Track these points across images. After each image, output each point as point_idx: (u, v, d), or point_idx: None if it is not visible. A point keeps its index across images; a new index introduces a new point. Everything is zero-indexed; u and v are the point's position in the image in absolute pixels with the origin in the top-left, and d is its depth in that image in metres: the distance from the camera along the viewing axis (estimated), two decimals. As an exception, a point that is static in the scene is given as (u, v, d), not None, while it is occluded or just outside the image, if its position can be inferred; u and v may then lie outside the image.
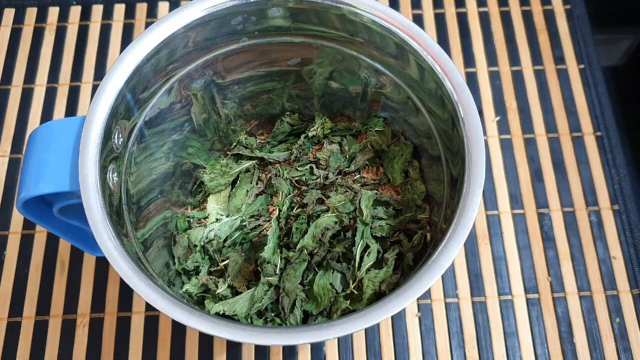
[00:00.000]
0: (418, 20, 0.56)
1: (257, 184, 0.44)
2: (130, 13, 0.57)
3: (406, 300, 0.30)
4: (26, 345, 0.43)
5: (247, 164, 0.45)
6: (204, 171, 0.44)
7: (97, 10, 0.57)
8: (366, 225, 0.40)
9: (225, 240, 0.42)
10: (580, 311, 0.45)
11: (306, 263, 0.39)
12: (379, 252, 0.39)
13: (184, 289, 0.39)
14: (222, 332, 0.29)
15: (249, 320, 0.38)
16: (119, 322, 0.44)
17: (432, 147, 0.40)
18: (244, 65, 0.40)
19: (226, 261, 0.40)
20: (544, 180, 0.49)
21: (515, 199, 0.49)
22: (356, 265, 0.38)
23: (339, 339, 0.43)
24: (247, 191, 0.44)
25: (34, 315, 0.44)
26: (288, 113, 0.46)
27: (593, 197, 0.49)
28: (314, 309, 0.38)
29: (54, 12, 0.57)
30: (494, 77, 0.54)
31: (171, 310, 0.27)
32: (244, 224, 0.42)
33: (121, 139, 0.33)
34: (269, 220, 0.43)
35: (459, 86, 0.35)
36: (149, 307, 0.45)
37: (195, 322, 0.27)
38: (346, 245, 0.40)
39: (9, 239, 0.47)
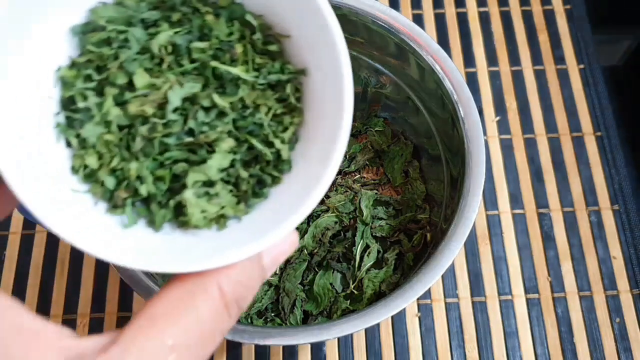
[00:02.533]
0: (418, 20, 0.56)
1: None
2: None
3: (406, 300, 0.30)
4: (26, 345, 0.43)
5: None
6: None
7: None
8: (366, 225, 0.40)
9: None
10: (580, 311, 0.45)
11: (306, 263, 0.39)
12: (379, 252, 0.39)
13: (184, 289, 0.39)
14: (222, 332, 0.29)
15: (249, 320, 0.38)
16: (119, 322, 0.44)
17: (432, 147, 0.40)
18: (244, 65, 0.40)
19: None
20: (544, 180, 0.49)
21: (515, 199, 0.49)
22: (356, 265, 0.38)
23: (339, 339, 0.43)
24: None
25: (34, 315, 0.44)
26: (288, 113, 0.46)
27: (593, 197, 0.49)
28: (314, 309, 0.38)
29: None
30: (494, 77, 0.54)
31: (171, 310, 0.27)
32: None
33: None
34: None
35: (459, 86, 0.35)
36: (149, 307, 0.45)
37: (196, 322, 0.27)
38: (346, 245, 0.40)
39: (9, 239, 0.47)
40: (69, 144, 0.21)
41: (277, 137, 0.22)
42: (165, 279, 0.37)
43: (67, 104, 0.21)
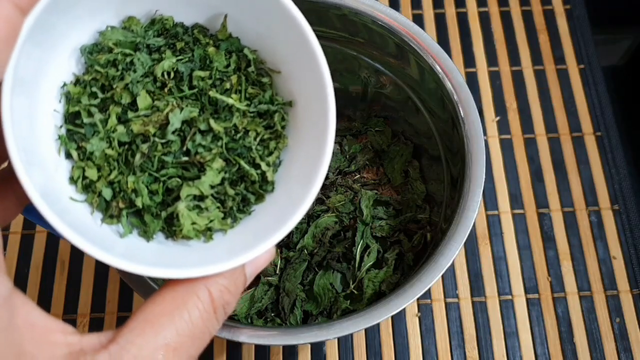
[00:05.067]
0: (418, 20, 0.56)
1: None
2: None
3: (406, 300, 0.30)
4: (26, 345, 0.43)
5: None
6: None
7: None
8: (366, 225, 0.40)
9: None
10: (580, 311, 0.45)
11: (306, 263, 0.39)
12: (379, 252, 0.39)
13: (184, 289, 0.39)
14: (223, 332, 0.29)
15: (249, 320, 0.38)
16: (119, 322, 0.44)
17: (432, 147, 0.40)
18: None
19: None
20: (544, 180, 0.49)
21: (515, 199, 0.49)
22: (356, 265, 0.38)
23: (339, 338, 0.43)
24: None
25: (34, 315, 0.44)
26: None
27: (593, 197, 0.49)
28: (314, 309, 0.38)
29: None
30: (494, 77, 0.54)
31: (171, 310, 0.27)
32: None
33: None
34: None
35: (459, 86, 0.35)
36: (149, 307, 0.45)
37: (196, 322, 0.27)
38: (346, 245, 0.40)
39: (9, 239, 0.47)
40: (68, 156, 0.23)
41: (263, 160, 0.25)
42: (165, 280, 0.37)
43: (71, 118, 0.23)
